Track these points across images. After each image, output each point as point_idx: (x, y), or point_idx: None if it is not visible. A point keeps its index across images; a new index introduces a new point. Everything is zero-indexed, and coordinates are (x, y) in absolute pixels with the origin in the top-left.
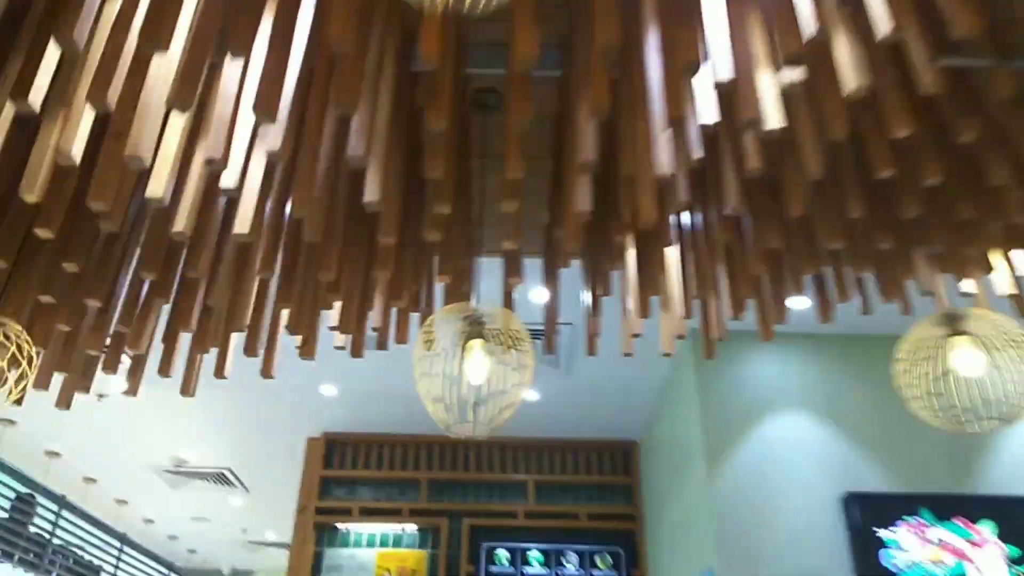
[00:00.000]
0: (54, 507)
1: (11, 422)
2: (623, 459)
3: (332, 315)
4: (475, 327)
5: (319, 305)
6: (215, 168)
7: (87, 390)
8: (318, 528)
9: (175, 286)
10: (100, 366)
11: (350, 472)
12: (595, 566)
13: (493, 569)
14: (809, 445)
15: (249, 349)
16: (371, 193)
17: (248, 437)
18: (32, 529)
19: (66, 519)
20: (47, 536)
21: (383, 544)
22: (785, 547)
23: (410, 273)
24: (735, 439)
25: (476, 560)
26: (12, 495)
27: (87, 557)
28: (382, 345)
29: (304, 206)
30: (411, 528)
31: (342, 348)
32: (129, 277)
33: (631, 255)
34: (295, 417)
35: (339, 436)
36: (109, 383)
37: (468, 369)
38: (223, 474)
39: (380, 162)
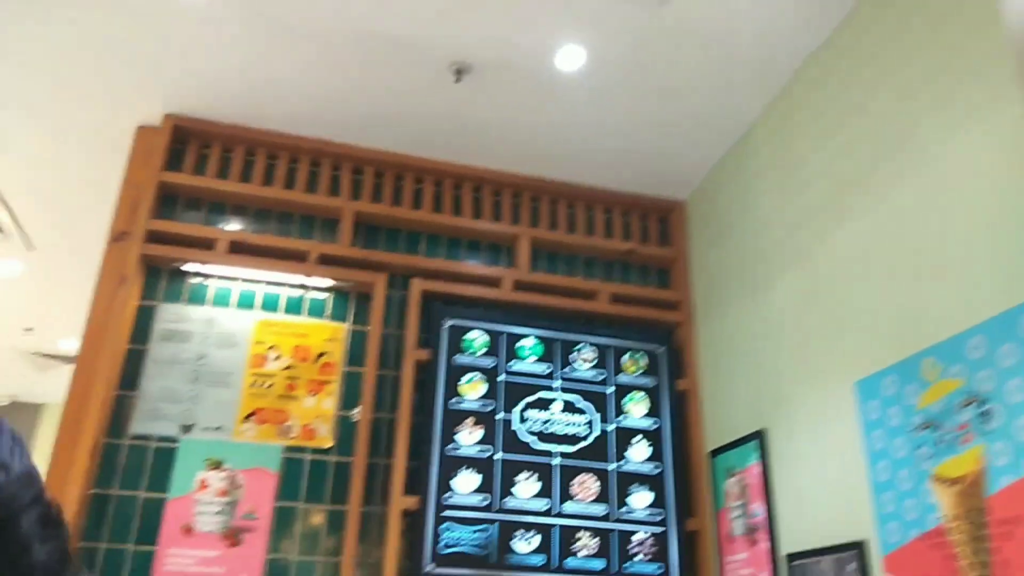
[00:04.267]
0: None
1: None
2: (659, 224)
3: None
4: None
5: None
6: None
7: None
8: (148, 267)
9: None
10: None
11: (216, 184)
12: (621, 369)
13: (461, 359)
14: None
15: None
16: None
17: (35, 126)
18: None
19: None
20: None
21: (269, 307)
22: None
23: None
24: None
25: (433, 343)
26: None
27: None
28: None
29: None
30: (321, 284)
31: None
32: None
33: None
34: (121, 70)
35: (198, 124)
36: None
37: None
38: None
39: None
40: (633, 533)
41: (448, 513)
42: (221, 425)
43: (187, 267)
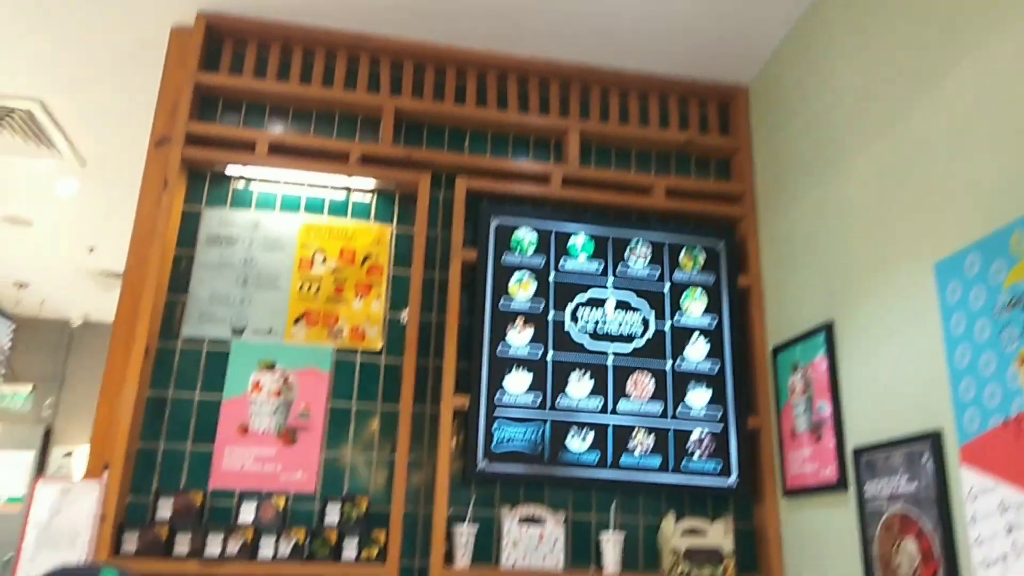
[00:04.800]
0: None
1: None
2: (719, 112)
3: None
4: None
5: None
6: None
7: None
8: (191, 171)
9: None
10: None
11: (253, 84)
12: (678, 265)
13: (509, 259)
14: None
15: None
16: None
17: (71, 42)
18: None
19: None
20: None
21: (313, 210)
22: None
23: None
24: None
25: (480, 243)
26: None
27: None
28: None
29: None
30: (364, 185)
31: None
32: None
33: None
34: None
35: (231, 21)
36: None
37: None
38: (32, 116)
39: None
40: (691, 431)
41: (500, 412)
42: (272, 327)
43: (229, 171)
